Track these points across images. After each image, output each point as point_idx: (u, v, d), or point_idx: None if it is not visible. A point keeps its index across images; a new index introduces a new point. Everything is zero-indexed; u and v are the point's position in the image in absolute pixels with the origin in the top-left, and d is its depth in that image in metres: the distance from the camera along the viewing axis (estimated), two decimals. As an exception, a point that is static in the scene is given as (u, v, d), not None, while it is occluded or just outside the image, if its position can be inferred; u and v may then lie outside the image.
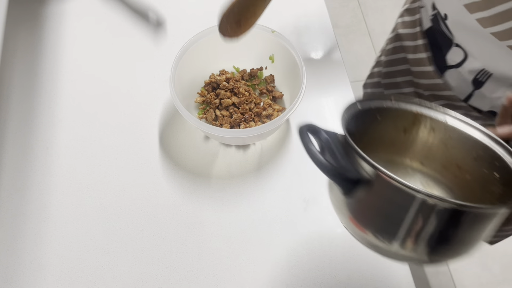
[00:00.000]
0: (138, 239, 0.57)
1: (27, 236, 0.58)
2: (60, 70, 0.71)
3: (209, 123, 0.64)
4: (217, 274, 0.55)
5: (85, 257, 0.56)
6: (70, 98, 0.69)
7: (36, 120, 0.66)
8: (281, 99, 0.68)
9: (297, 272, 0.55)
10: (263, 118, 0.65)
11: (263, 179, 0.62)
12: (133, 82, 0.70)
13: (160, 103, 0.68)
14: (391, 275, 0.55)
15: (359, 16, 1.89)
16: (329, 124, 0.66)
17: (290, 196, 0.61)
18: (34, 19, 0.76)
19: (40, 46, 0.73)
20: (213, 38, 0.65)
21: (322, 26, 0.76)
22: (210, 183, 0.62)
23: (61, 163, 0.63)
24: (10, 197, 0.60)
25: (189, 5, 0.79)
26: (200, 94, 0.67)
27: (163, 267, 0.56)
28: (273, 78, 0.69)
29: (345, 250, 0.57)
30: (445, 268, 1.34)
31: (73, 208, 0.60)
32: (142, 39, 0.75)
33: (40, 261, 0.56)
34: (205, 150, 0.64)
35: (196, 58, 0.65)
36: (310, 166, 0.63)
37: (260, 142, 0.65)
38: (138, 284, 0.55)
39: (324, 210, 0.59)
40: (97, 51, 0.73)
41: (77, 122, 0.66)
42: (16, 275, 0.55)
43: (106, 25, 0.76)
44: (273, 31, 0.64)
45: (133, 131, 0.66)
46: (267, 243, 0.57)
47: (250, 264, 0.56)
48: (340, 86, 0.70)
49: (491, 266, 1.34)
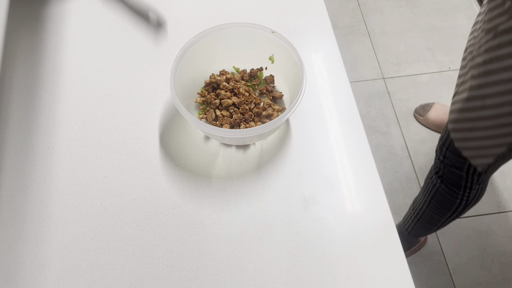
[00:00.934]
0: (139, 238, 0.58)
1: (28, 235, 0.58)
2: (60, 70, 0.71)
3: (209, 123, 0.65)
4: (217, 274, 0.55)
5: (86, 257, 0.56)
6: (71, 98, 0.69)
7: (37, 120, 0.67)
8: (281, 99, 0.68)
9: (297, 272, 0.55)
10: (263, 118, 0.65)
11: (263, 179, 0.62)
12: (133, 82, 0.70)
13: (160, 103, 0.68)
14: (390, 275, 0.55)
15: (359, 16, 1.90)
16: (329, 125, 0.67)
17: (290, 196, 0.61)
18: (35, 20, 0.76)
19: (41, 46, 0.74)
20: (213, 39, 0.65)
21: (322, 26, 0.76)
22: (210, 183, 0.62)
23: (62, 163, 0.63)
24: (11, 197, 0.60)
25: (189, 6, 0.79)
26: (200, 94, 0.68)
27: (164, 266, 0.56)
28: (273, 78, 0.69)
29: (345, 250, 0.57)
30: (445, 268, 1.34)
31: (74, 208, 0.60)
32: (143, 39, 0.75)
33: (40, 261, 0.56)
34: (205, 150, 0.65)
35: (197, 58, 0.65)
36: (310, 166, 0.63)
37: (260, 142, 0.65)
38: (138, 284, 0.55)
39: (324, 210, 0.60)
40: (98, 51, 0.74)
41: (77, 122, 0.67)
42: (17, 274, 0.55)
43: (107, 26, 0.76)
44: (273, 31, 0.64)
45: (133, 131, 0.66)
46: (267, 243, 0.57)
47: (250, 264, 0.56)
48: (340, 86, 0.70)
49: (490, 266, 1.34)
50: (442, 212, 0.99)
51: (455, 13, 1.88)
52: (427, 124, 1.56)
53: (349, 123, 0.67)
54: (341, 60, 0.73)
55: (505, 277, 1.32)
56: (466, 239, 1.38)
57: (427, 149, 1.54)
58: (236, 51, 0.68)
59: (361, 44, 1.82)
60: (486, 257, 1.36)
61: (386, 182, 1.46)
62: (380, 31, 1.85)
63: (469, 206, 0.94)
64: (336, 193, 0.61)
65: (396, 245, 0.57)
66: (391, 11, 1.91)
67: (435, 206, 0.99)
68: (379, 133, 1.59)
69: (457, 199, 0.92)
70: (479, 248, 1.37)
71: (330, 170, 0.63)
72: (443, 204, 0.96)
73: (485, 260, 1.35)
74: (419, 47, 1.80)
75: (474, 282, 1.32)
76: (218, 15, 0.78)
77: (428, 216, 1.05)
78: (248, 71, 0.70)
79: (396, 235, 0.58)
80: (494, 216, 1.42)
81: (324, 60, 0.73)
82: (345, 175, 0.62)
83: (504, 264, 1.34)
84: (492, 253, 1.36)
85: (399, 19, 1.89)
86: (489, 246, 1.38)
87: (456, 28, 1.83)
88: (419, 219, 1.11)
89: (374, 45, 1.81)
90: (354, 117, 0.67)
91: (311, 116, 0.67)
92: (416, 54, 1.79)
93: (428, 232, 1.15)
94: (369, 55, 1.79)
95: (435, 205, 0.99)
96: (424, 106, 1.57)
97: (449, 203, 0.94)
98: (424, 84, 1.70)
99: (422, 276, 1.33)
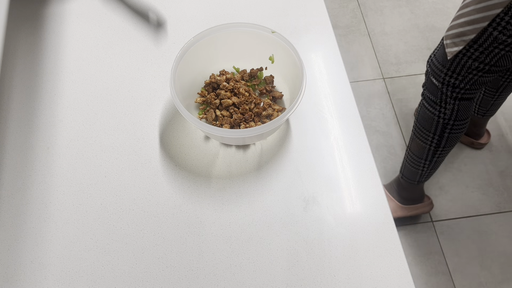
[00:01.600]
0: (139, 238, 0.58)
1: (28, 235, 0.58)
2: (60, 71, 0.71)
3: (209, 123, 0.65)
4: (217, 274, 0.55)
5: (86, 257, 0.56)
6: (71, 98, 0.69)
7: (37, 120, 0.67)
8: (281, 99, 0.68)
9: (297, 271, 0.55)
10: (263, 118, 0.65)
11: (263, 179, 0.62)
12: (133, 82, 0.70)
13: (160, 103, 0.68)
14: (390, 275, 0.55)
15: (359, 16, 1.90)
16: (329, 125, 0.67)
17: (290, 196, 0.61)
18: (35, 20, 0.76)
19: (41, 46, 0.74)
20: (213, 39, 0.65)
21: (322, 26, 0.76)
22: (210, 183, 0.62)
23: (62, 163, 0.63)
24: (11, 197, 0.60)
25: (189, 6, 0.79)
26: (200, 94, 0.68)
27: (164, 266, 0.56)
28: (272, 78, 0.69)
29: (345, 250, 0.57)
30: (445, 268, 1.34)
31: (74, 208, 0.60)
32: (143, 39, 0.75)
33: (40, 261, 0.56)
34: (205, 150, 0.65)
35: (196, 58, 0.65)
36: (310, 166, 0.63)
37: (260, 142, 0.65)
38: (138, 284, 0.55)
39: (324, 210, 0.60)
40: (98, 51, 0.74)
41: (77, 122, 0.67)
42: (17, 274, 0.55)
43: (107, 26, 0.76)
44: (273, 31, 0.64)
45: (133, 131, 0.66)
46: (267, 243, 0.57)
47: (250, 264, 0.56)
48: (340, 86, 0.70)
49: (490, 266, 1.34)
50: (425, 135, 1.12)
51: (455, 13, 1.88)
52: (427, 124, 1.56)
53: (349, 123, 0.67)
54: (341, 60, 0.73)
55: (505, 277, 1.32)
56: (466, 239, 1.39)
57: (427, 149, 1.54)
58: (236, 51, 0.68)
59: (361, 44, 1.82)
60: (486, 257, 1.36)
61: (386, 182, 1.46)
62: (380, 31, 1.85)
63: (447, 128, 1.07)
64: (336, 193, 0.61)
65: (396, 245, 0.57)
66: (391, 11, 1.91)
67: (419, 128, 1.14)
68: (379, 133, 1.59)
69: (434, 115, 1.07)
70: (479, 248, 1.37)
71: (330, 170, 0.63)
72: (425, 124, 1.11)
73: (485, 260, 1.35)
74: (419, 47, 1.80)
75: (474, 282, 1.32)
76: (218, 15, 0.78)
77: (414, 145, 1.18)
78: (248, 71, 0.70)
79: (396, 235, 0.58)
80: (494, 216, 1.43)
81: (324, 60, 0.73)
82: (345, 175, 0.62)
83: (504, 264, 1.34)
84: (492, 253, 1.36)
85: (399, 19, 1.89)
86: (489, 246, 1.38)
87: (456, 28, 1.83)
88: (409, 152, 1.23)
89: (374, 45, 1.81)
90: (354, 117, 0.67)
91: (311, 116, 0.67)
92: (416, 54, 1.79)
93: (417, 169, 1.23)
94: (369, 55, 1.79)
95: (419, 127, 1.14)
96: (424, 106, 1.57)
97: (429, 121, 1.09)
98: (424, 84, 1.70)
99: (422, 276, 1.33)
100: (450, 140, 1.10)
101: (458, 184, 1.48)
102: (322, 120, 0.67)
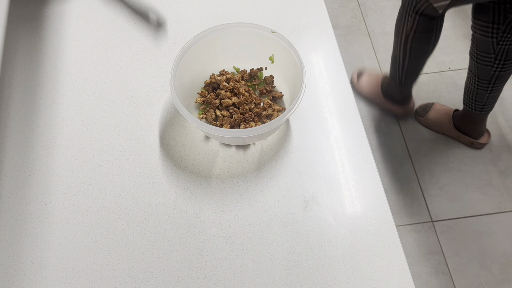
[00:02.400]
0: (139, 238, 0.58)
1: (28, 235, 0.58)
2: (60, 71, 0.71)
3: (209, 123, 0.65)
4: (217, 274, 0.55)
5: (86, 257, 0.56)
6: (71, 98, 0.69)
7: (37, 120, 0.67)
8: (281, 99, 0.68)
9: (297, 271, 0.55)
10: (263, 118, 0.65)
11: (263, 179, 0.62)
12: (133, 82, 0.70)
13: (160, 103, 0.68)
14: (390, 275, 0.55)
15: (359, 16, 1.90)
16: (329, 125, 0.67)
17: (290, 196, 0.61)
18: (35, 19, 0.76)
19: (41, 46, 0.74)
20: (213, 39, 0.65)
21: (322, 27, 0.76)
22: (210, 183, 0.62)
23: (62, 163, 0.63)
24: (11, 197, 0.60)
25: (189, 6, 0.79)
26: (200, 94, 0.68)
27: (164, 266, 0.56)
28: (272, 78, 0.69)
29: (345, 250, 0.57)
30: (445, 268, 1.34)
31: (74, 208, 0.60)
32: (143, 39, 0.75)
33: (41, 261, 0.56)
34: (205, 150, 0.65)
35: (197, 58, 0.65)
36: (310, 166, 0.63)
37: (260, 142, 0.65)
38: (138, 284, 0.55)
39: (324, 210, 0.60)
40: (98, 51, 0.74)
41: (77, 122, 0.67)
42: (17, 274, 0.55)
43: (107, 26, 0.76)
44: (273, 31, 0.64)
45: (133, 131, 0.66)
46: (267, 243, 0.57)
47: (250, 264, 0.56)
48: (339, 87, 0.70)
49: (490, 266, 1.34)
50: (395, 40, 1.27)
51: (455, 13, 1.88)
52: (427, 124, 1.56)
53: (349, 123, 0.67)
54: (341, 60, 0.73)
55: (505, 277, 1.32)
56: (466, 239, 1.38)
57: (427, 149, 1.54)
58: (236, 51, 0.68)
59: (361, 44, 1.81)
60: (486, 257, 1.36)
61: (386, 182, 1.46)
62: (380, 31, 1.85)
63: (408, 38, 1.21)
64: (336, 193, 0.61)
65: (396, 245, 0.57)
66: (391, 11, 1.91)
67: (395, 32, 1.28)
68: (379, 133, 1.59)
69: (400, 24, 1.20)
70: (479, 248, 1.37)
71: (330, 170, 0.63)
72: (395, 30, 1.26)
73: (485, 260, 1.35)
74: (419, 47, 1.80)
75: (474, 282, 1.32)
76: (218, 15, 0.78)
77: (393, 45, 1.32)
78: (248, 71, 0.70)
79: (396, 235, 0.58)
80: (494, 216, 1.42)
81: (324, 60, 0.73)
82: (345, 175, 0.62)
83: (504, 264, 1.34)
84: (492, 253, 1.36)
85: (399, 19, 1.88)
86: (489, 246, 1.38)
87: (456, 28, 1.83)
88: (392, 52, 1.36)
89: (374, 45, 1.81)
90: (354, 117, 0.67)
91: (311, 116, 0.67)
92: (416, 54, 1.78)
93: (394, 67, 1.37)
94: (369, 55, 1.79)
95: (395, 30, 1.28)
96: (424, 106, 1.57)
97: (396, 30, 1.24)
98: (424, 84, 1.70)
99: (422, 276, 1.33)
100: (414, 50, 1.25)
101: (458, 184, 1.48)
102: (322, 120, 0.67)
